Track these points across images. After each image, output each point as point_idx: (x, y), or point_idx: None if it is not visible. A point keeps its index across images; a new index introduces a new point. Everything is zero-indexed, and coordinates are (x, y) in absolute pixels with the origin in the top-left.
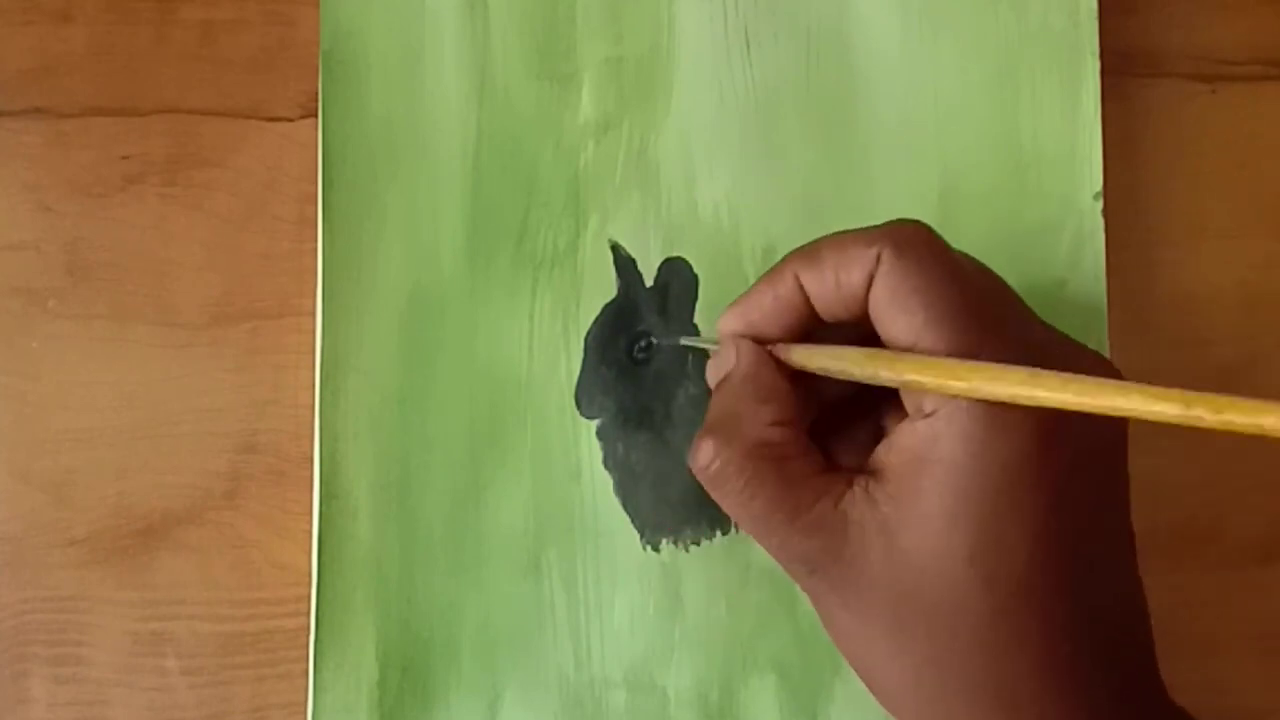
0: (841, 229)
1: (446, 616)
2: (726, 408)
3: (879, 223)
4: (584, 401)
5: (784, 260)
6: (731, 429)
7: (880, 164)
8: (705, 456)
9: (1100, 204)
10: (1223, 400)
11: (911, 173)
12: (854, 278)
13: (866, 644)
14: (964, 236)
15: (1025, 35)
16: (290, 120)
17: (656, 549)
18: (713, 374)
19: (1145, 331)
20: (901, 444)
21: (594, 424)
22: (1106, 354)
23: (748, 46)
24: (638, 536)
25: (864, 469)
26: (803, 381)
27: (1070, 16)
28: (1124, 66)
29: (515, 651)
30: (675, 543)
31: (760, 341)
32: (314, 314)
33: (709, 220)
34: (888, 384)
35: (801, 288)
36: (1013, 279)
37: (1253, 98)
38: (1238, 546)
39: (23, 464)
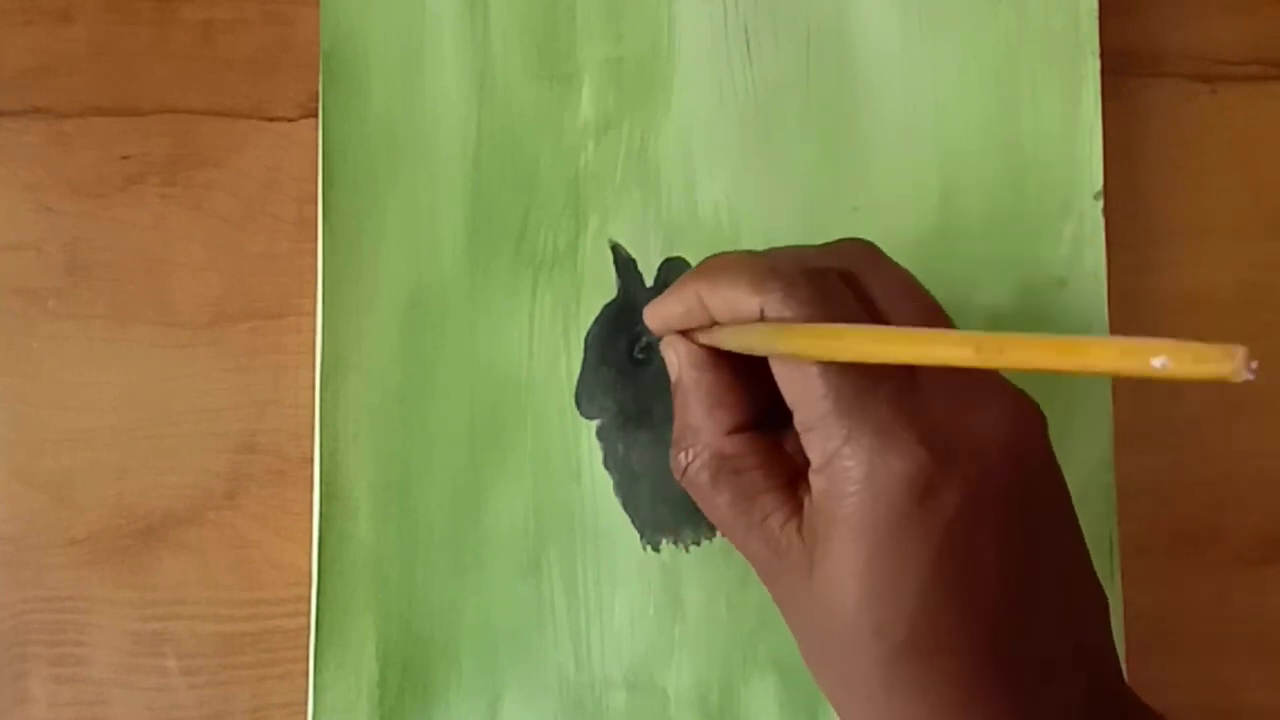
0: (841, 229)
1: (446, 616)
2: (685, 420)
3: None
4: (584, 401)
5: (685, 280)
6: (693, 440)
7: (880, 164)
8: (677, 468)
9: (1100, 204)
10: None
11: (911, 172)
12: (748, 316)
13: (804, 655)
14: (963, 236)
15: (1025, 35)
16: (290, 120)
17: (656, 549)
18: (670, 370)
19: (1145, 331)
20: (813, 484)
21: (594, 424)
22: None
23: (748, 46)
24: (638, 536)
25: None
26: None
27: (1070, 16)
28: (1124, 66)
29: (515, 651)
30: (675, 543)
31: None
32: (314, 314)
33: (709, 220)
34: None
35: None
36: (1013, 279)
37: (1253, 98)
38: (1238, 546)
39: (23, 464)
